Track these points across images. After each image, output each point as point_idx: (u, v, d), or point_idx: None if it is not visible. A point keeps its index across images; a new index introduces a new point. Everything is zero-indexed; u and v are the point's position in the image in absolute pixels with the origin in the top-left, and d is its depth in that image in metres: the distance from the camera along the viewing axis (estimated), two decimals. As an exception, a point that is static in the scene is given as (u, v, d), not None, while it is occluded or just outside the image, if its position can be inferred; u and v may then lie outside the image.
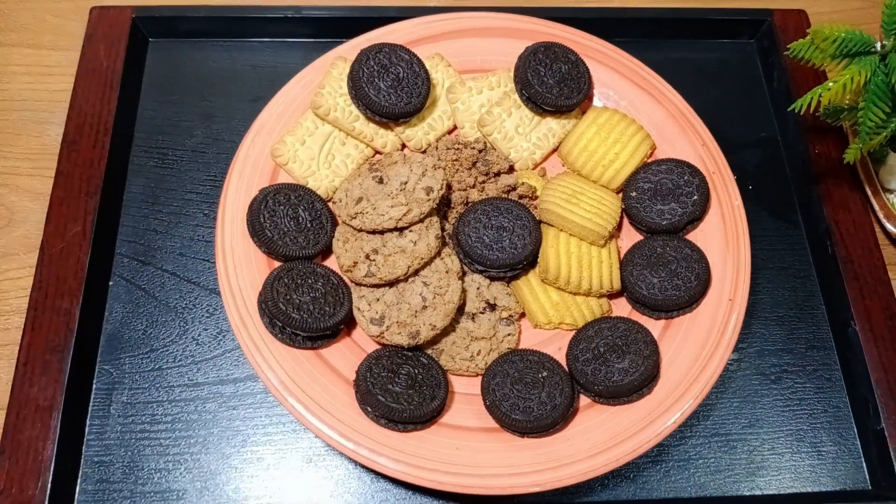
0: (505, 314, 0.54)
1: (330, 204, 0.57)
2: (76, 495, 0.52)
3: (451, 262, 0.53)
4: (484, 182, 0.59)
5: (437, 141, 0.60)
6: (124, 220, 0.62)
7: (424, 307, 0.51)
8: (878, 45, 0.53)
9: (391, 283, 0.52)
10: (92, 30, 0.68)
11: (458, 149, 0.58)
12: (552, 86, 0.59)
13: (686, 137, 0.61)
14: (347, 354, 0.53)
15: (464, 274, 0.55)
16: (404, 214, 0.51)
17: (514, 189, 0.58)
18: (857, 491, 0.56)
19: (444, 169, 0.56)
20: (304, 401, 0.50)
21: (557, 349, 0.54)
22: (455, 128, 0.62)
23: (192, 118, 0.67)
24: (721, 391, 0.58)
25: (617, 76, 0.63)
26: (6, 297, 0.59)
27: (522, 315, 0.56)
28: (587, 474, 0.49)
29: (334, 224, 0.56)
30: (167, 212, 0.63)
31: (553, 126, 0.61)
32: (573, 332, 0.54)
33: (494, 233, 0.53)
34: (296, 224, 0.54)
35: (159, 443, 0.54)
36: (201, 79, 0.69)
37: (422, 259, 0.51)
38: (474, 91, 0.61)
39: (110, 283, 0.60)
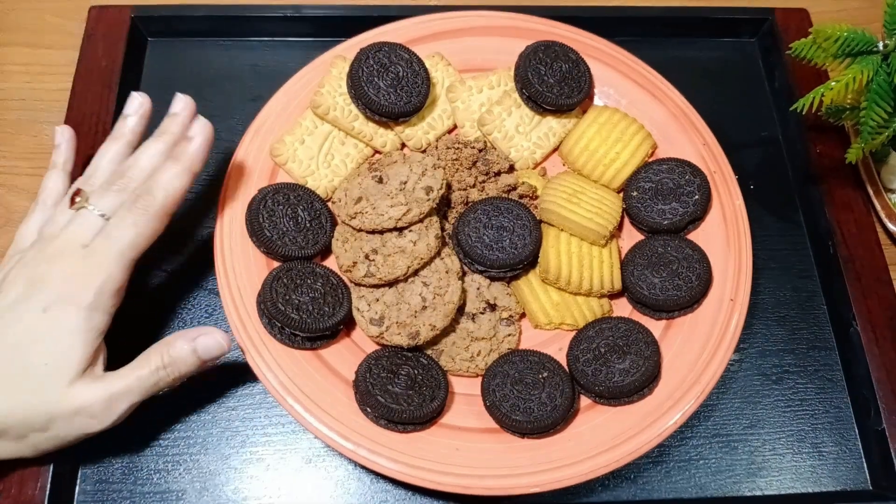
0: (505, 314, 0.54)
1: (329, 203, 0.57)
2: (75, 496, 0.52)
3: (451, 262, 0.53)
4: (484, 182, 0.58)
5: (436, 140, 0.60)
6: (123, 220, 0.62)
7: (424, 307, 0.51)
8: (881, 45, 0.53)
9: (391, 284, 0.52)
10: (91, 29, 0.67)
11: (458, 148, 0.58)
12: (553, 85, 0.58)
13: (687, 137, 0.61)
14: (347, 355, 0.53)
15: (464, 274, 0.55)
16: (404, 214, 0.51)
17: (515, 189, 0.58)
18: (857, 491, 0.56)
19: (444, 168, 0.56)
20: (304, 401, 0.49)
21: (558, 349, 0.54)
22: (455, 127, 0.61)
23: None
24: (722, 392, 0.58)
25: (618, 75, 0.63)
26: (5, 297, 0.59)
27: (523, 315, 0.56)
28: (587, 475, 0.49)
29: (333, 224, 0.56)
30: (166, 211, 0.63)
31: (553, 125, 0.61)
32: (574, 333, 0.53)
33: (494, 233, 0.53)
34: (295, 224, 0.54)
35: (158, 443, 0.54)
36: (200, 78, 0.69)
37: (421, 259, 0.51)
38: (474, 90, 0.61)
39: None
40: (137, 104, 0.55)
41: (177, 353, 0.47)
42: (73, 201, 0.49)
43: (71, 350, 0.45)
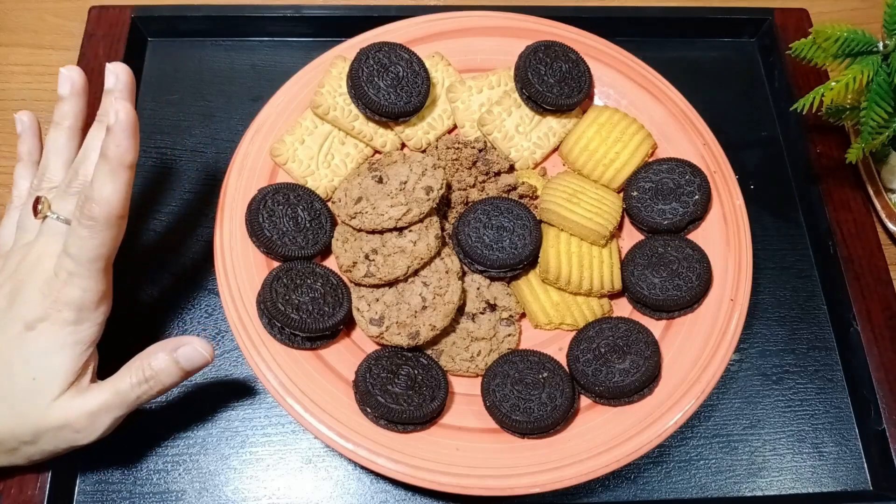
0: (505, 314, 0.54)
1: (329, 203, 0.57)
2: (75, 496, 0.52)
3: (451, 262, 0.53)
4: (484, 182, 0.58)
5: (436, 140, 0.60)
6: (123, 220, 0.62)
7: (424, 307, 0.51)
8: (881, 45, 0.53)
9: (391, 284, 0.52)
10: (91, 29, 0.67)
11: (457, 148, 0.58)
12: (553, 85, 0.58)
13: (687, 137, 0.61)
14: (347, 355, 0.53)
15: (464, 274, 0.55)
16: (404, 214, 0.51)
17: (515, 189, 0.58)
18: (858, 492, 0.56)
19: (444, 168, 0.56)
20: (303, 401, 0.49)
21: (558, 349, 0.54)
22: (455, 127, 0.61)
23: (191, 118, 0.67)
24: (722, 392, 0.58)
25: (618, 75, 0.63)
26: (5, 297, 0.59)
27: (523, 315, 0.56)
28: (588, 475, 0.49)
29: (333, 224, 0.56)
30: (166, 211, 0.63)
31: (553, 125, 0.61)
32: (574, 333, 0.53)
33: (494, 233, 0.53)
34: (295, 224, 0.54)
35: (158, 443, 0.54)
36: (200, 78, 0.69)
37: (421, 259, 0.51)
38: (474, 90, 0.61)
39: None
40: (69, 85, 0.50)
41: (158, 365, 0.46)
42: (35, 210, 0.47)
43: (58, 365, 0.44)
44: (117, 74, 0.48)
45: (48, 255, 0.45)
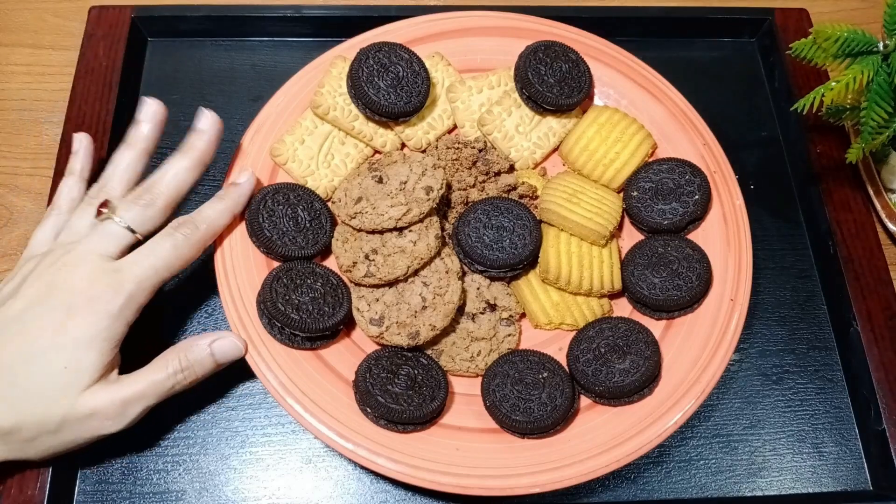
0: (505, 314, 0.54)
1: (329, 203, 0.57)
2: (75, 496, 0.52)
3: (451, 262, 0.53)
4: (484, 182, 0.58)
5: (436, 140, 0.60)
6: (123, 220, 0.62)
7: (424, 307, 0.51)
8: (881, 45, 0.53)
9: (391, 284, 0.52)
10: (91, 29, 0.67)
11: (457, 148, 0.58)
12: (553, 85, 0.58)
13: (687, 137, 0.61)
14: (347, 355, 0.53)
15: (464, 274, 0.55)
16: (404, 214, 0.51)
17: (515, 188, 0.58)
18: (858, 492, 0.56)
19: (444, 168, 0.56)
20: (303, 401, 0.49)
21: (558, 349, 0.54)
22: (455, 127, 0.61)
23: (191, 118, 0.66)
24: (722, 392, 0.58)
25: (618, 75, 0.63)
26: (5, 297, 0.59)
27: (523, 315, 0.56)
28: (587, 475, 0.49)
29: (333, 224, 0.56)
30: (166, 212, 0.63)
31: (553, 125, 0.61)
32: (574, 333, 0.53)
33: (494, 233, 0.53)
34: (295, 224, 0.54)
35: (158, 443, 0.54)
36: (200, 78, 0.69)
37: (422, 259, 0.51)
38: (474, 90, 0.61)
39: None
40: (152, 111, 0.54)
41: (195, 356, 0.48)
42: (99, 211, 0.50)
43: (90, 356, 0.46)
44: (211, 119, 0.54)
45: (98, 252, 0.48)
